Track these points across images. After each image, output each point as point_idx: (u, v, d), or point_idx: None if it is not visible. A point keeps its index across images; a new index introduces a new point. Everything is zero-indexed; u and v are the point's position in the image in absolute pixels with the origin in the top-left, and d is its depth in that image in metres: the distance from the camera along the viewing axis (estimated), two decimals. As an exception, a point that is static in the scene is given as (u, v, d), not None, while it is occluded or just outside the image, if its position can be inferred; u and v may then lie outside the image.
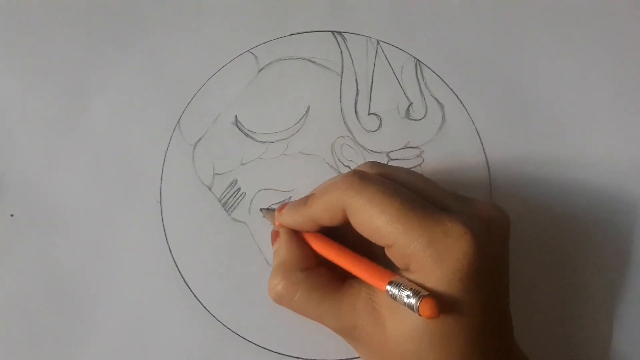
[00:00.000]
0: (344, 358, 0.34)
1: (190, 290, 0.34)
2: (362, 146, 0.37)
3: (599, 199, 0.36)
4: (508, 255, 0.29)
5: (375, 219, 0.27)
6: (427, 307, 0.24)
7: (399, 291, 0.26)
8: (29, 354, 0.34)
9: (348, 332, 0.29)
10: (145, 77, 0.38)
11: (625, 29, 0.39)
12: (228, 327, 0.34)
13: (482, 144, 0.37)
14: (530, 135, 0.37)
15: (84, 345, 0.34)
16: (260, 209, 0.36)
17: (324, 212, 0.29)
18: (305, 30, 0.39)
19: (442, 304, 0.25)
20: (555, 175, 0.37)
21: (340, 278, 0.30)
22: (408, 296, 0.25)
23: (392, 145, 0.37)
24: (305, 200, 0.30)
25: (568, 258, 0.36)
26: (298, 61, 0.38)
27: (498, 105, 0.38)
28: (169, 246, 0.35)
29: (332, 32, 0.39)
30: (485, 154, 0.37)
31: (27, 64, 0.38)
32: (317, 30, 0.39)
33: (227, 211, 0.36)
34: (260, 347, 0.34)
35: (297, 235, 0.32)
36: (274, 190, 0.36)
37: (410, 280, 0.26)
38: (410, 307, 0.25)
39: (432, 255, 0.26)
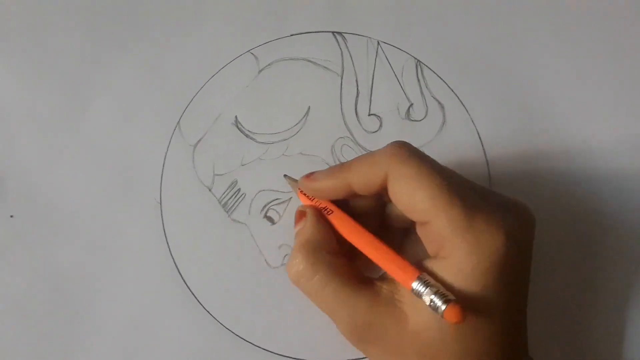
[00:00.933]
0: (346, 359, 0.34)
1: (190, 290, 0.35)
2: (362, 147, 0.37)
3: (600, 198, 0.36)
4: (532, 256, 0.28)
5: (419, 192, 0.26)
6: (453, 313, 0.24)
7: (425, 290, 0.25)
8: (30, 354, 0.34)
9: (360, 331, 0.28)
10: (146, 77, 0.38)
11: (625, 28, 0.39)
12: (228, 328, 0.34)
13: (482, 145, 0.37)
14: (531, 136, 0.37)
15: (84, 345, 0.34)
16: (285, 175, 0.34)
17: (362, 176, 0.27)
18: (305, 31, 0.39)
19: (471, 300, 0.24)
20: (555, 177, 0.37)
21: (360, 274, 0.29)
22: (434, 298, 0.25)
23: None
24: (344, 164, 0.29)
25: (570, 257, 0.36)
26: (298, 62, 0.38)
27: (498, 106, 0.38)
28: (168, 247, 0.35)
29: (333, 32, 0.39)
30: (485, 155, 0.37)
31: (28, 64, 0.38)
32: (317, 30, 0.39)
33: (227, 212, 0.36)
34: (260, 348, 0.34)
35: (323, 218, 0.30)
36: (274, 191, 0.36)
37: (439, 280, 0.26)
38: (434, 309, 0.24)
39: (470, 241, 0.25)
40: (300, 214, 0.31)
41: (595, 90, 0.38)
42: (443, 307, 0.24)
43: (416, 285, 0.25)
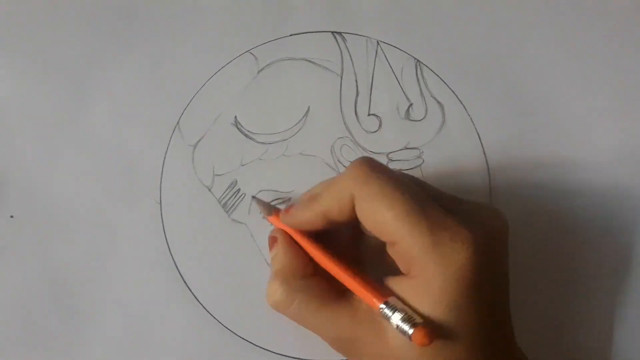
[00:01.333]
0: (344, 359, 0.34)
1: (190, 290, 0.35)
2: (362, 147, 0.37)
3: (599, 201, 0.36)
4: (507, 260, 0.28)
5: (383, 213, 0.26)
6: (419, 337, 0.24)
7: (392, 314, 0.26)
8: (30, 354, 0.34)
9: (346, 345, 0.29)
10: (145, 77, 0.38)
11: (625, 29, 0.39)
12: (228, 327, 0.34)
13: (482, 145, 0.37)
14: (531, 136, 0.37)
15: (84, 345, 0.34)
16: (253, 197, 0.35)
17: (334, 203, 0.28)
18: (305, 31, 0.39)
19: (440, 321, 0.25)
20: (555, 176, 0.37)
21: (339, 288, 0.29)
22: (399, 323, 0.25)
23: (392, 146, 0.37)
24: (313, 196, 0.29)
25: (568, 260, 0.36)
26: (298, 62, 0.38)
27: (498, 106, 0.38)
28: (168, 247, 0.35)
29: (332, 32, 0.39)
30: (485, 155, 0.37)
31: (28, 64, 0.38)
32: (317, 30, 0.39)
33: (227, 212, 0.36)
34: (260, 347, 0.34)
35: (295, 241, 0.31)
36: (274, 191, 0.36)
37: (406, 302, 0.26)
38: (402, 332, 0.25)
39: (435, 260, 0.25)
40: (272, 240, 0.32)
41: (596, 92, 0.38)
42: (410, 332, 0.25)
43: (384, 308, 0.26)
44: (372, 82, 0.38)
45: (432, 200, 0.27)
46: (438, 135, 0.37)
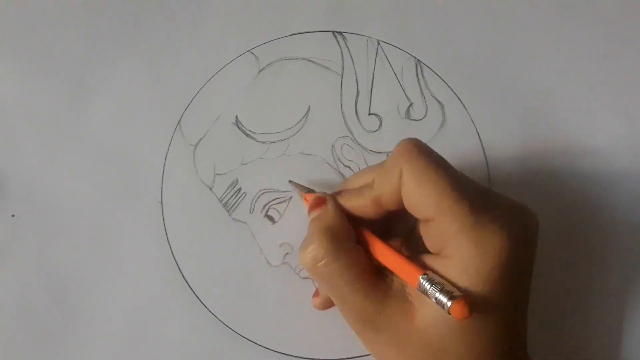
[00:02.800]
0: (347, 357, 0.34)
1: (191, 289, 0.35)
2: (362, 146, 0.37)
3: (599, 198, 0.37)
4: (534, 258, 0.28)
5: (426, 187, 0.26)
6: (459, 309, 0.24)
7: (430, 286, 0.25)
8: (30, 353, 0.34)
9: (369, 318, 0.28)
10: (146, 77, 0.38)
11: (625, 27, 0.39)
12: (229, 326, 0.34)
13: (482, 144, 0.37)
14: (530, 135, 0.37)
15: (85, 345, 0.34)
16: (290, 181, 0.35)
17: (385, 186, 0.28)
18: (305, 31, 0.39)
19: (475, 298, 0.25)
20: (554, 175, 0.37)
21: (373, 264, 0.29)
22: (439, 295, 0.25)
23: (392, 145, 0.36)
24: (366, 185, 0.29)
25: (569, 256, 0.36)
26: (298, 61, 0.38)
27: (498, 105, 0.38)
28: (170, 246, 0.35)
29: (333, 32, 0.39)
30: (485, 154, 0.37)
31: (28, 64, 0.38)
32: (317, 30, 0.39)
33: (228, 211, 0.36)
34: (261, 346, 0.34)
35: (341, 209, 0.30)
36: (275, 190, 0.36)
37: (443, 277, 0.26)
38: (440, 304, 0.25)
39: (474, 239, 0.25)
40: (319, 200, 0.30)
41: (595, 90, 0.38)
42: (449, 303, 0.24)
43: (422, 281, 0.26)
44: (372, 81, 0.38)
45: (474, 183, 0.27)
46: (438, 134, 0.37)
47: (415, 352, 0.27)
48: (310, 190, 0.33)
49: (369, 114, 0.37)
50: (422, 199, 0.26)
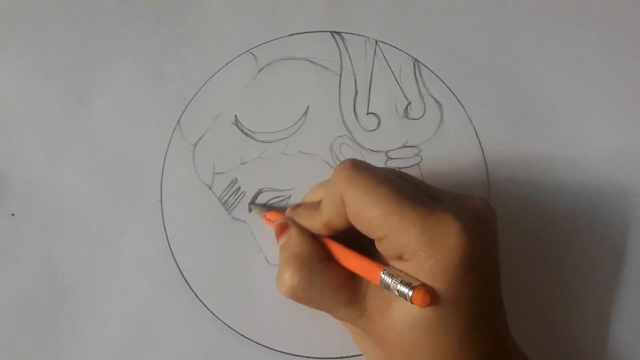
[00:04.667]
0: (346, 356, 0.34)
1: (191, 288, 0.35)
2: (360, 145, 0.37)
3: (596, 198, 0.37)
4: (498, 248, 0.29)
5: (370, 210, 0.26)
6: (420, 296, 0.25)
7: (392, 281, 0.26)
8: (30, 353, 0.34)
9: (353, 322, 0.29)
10: (146, 76, 0.38)
11: (623, 29, 0.40)
12: (229, 325, 0.34)
13: (479, 143, 0.37)
14: (528, 134, 0.38)
15: (85, 344, 0.34)
16: (249, 204, 0.36)
17: (332, 213, 0.28)
18: (304, 31, 0.39)
19: (435, 293, 0.25)
20: (552, 174, 0.37)
21: (350, 272, 0.30)
22: (400, 287, 0.25)
23: (390, 144, 0.37)
24: (316, 207, 0.30)
25: (565, 257, 0.36)
26: (297, 61, 0.38)
27: (496, 104, 0.38)
28: (169, 245, 0.35)
29: (331, 32, 0.39)
30: (483, 153, 0.37)
31: (28, 64, 0.38)
32: (316, 30, 0.39)
33: (227, 210, 0.36)
34: (260, 345, 0.34)
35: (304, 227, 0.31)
36: (274, 189, 0.36)
37: (402, 271, 0.26)
38: (403, 296, 0.25)
39: (425, 243, 0.25)
40: (282, 227, 0.31)
41: (593, 90, 0.39)
42: (410, 293, 0.25)
43: (383, 277, 0.26)
44: (370, 81, 0.38)
45: (417, 191, 0.27)
46: (436, 133, 0.37)
47: (395, 351, 0.27)
48: (270, 208, 0.34)
49: (367, 114, 0.38)
50: (368, 222, 0.27)
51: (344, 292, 0.29)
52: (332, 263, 0.30)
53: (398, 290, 0.26)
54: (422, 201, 0.27)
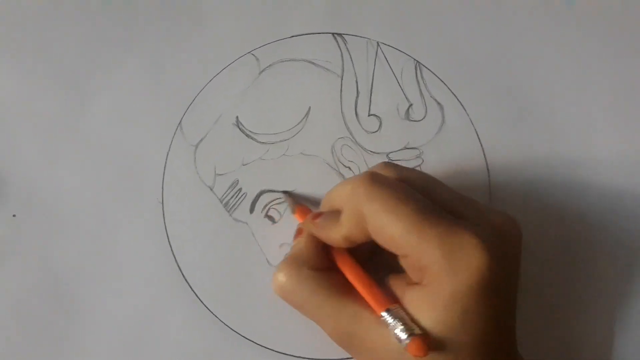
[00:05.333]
0: (346, 357, 0.34)
1: (192, 290, 0.35)
2: (362, 147, 0.37)
3: (598, 200, 0.37)
4: (519, 269, 0.28)
5: (389, 228, 0.26)
6: (415, 347, 0.25)
7: (393, 321, 0.26)
8: (30, 353, 0.34)
9: (346, 339, 0.29)
10: (147, 78, 0.38)
11: (623, 29, 0.40)
12: (230, 326, 0.34)
13: (481, 145, 0.37)
14: (530, 137, 0.37)
15: (85, 345, 0.34)
16: (284, 192, 0.35)
17: (352, 227, 0.28)
18: (306, 32, 0.39)
19: (447, 326, 0.25)
20: (554, 177, 0.37)
21: (348, 287, 0.29)
22: (398, 332, 0.25)
23: (391, 146, 0.37)
24: (338, 217, 0.29)
25: (568, 259, 0.36)
26: (299, 63, 0.38)
27: (497, 107, 0.38)
28: (170, 246, 0.35)
29: (333, 34, 0.39)
30: (484, 155, 0.37)
31: (29, 64, 0.38)
32: (317, 32, 0.39)
33: (228, 211, 0.36)
34: (262, 346, 0.34)
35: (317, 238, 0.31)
36: (275, 191, 0.36)
37: (414, 309, 0.26)
38: (399, 340, 0.25)
39: (446, 269, 0.25)
40: (299, 231, 0.32)
41: (595, 92, 0.38)
42: (406, 342, 0.25)
43: (386, 315, 0.26)
44: (372, 82, 0.38)
45: (438, 208, 0.27)
46: (438, 135, 0.37)
47: None
48: (301, 207, 0.34)
49: (369, 115, 0.38)
50: (389, 239, 0.26)
51: (333, 304, 0.29)
52: (329, 274, 0.30)
53: (396, 334, 0.25)
54: (444, 220, 0.26)
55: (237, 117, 0.37)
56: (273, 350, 0.34)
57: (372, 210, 0.26)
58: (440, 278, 0.25)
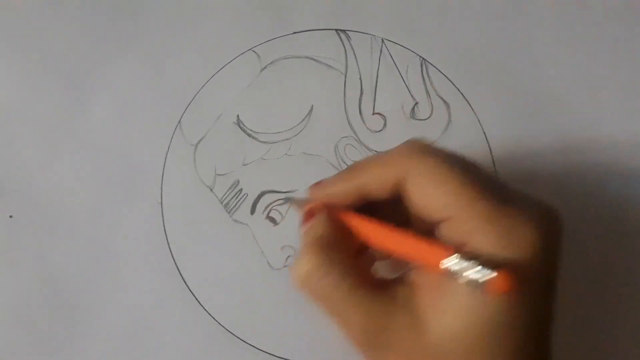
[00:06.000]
0: (348, 362, 0.33)
1: (191, 292, 0.34)
2: (366, 146, 0.37)
3: (606, 198, 0.36)
4: (560, 260, 0.26)
5: (440, 186, 0.24)
6: (502, 280, 0.22)
7: (467, 263, 0.23)
8: (28, 354, 0.34)
9: (373, 336, 0.26)
10: (146, 76, 0.38)
11: (633, 26, 0.39)
12: (229, 329, 0.34)
13: (488, 144, 0.37)
14: (537, 136, 0.37)
15: (83, 347, 0.34)
16: (286, 198, 0.35)
17: (376, 177, 0.26)
18: (308, 29, 0.39)
19: (517, 279, 0.23)
20: (562, 177, 0.37)
21: (374, 276, 0.28)
22: (476, 272, 0.23)
23: (397, 145, 0.37)
24: (353, 168, 0.28)
25: (577, 257, 0.35)
26: (301, 60, 0.38)
27: (505, 105, 0.38)
28: (169, 248, 0.35)
29: (336, 30, 0.39)
30: (491, 153, 0.37)
31: (27, 64, 0.38)
32: (320, 28, 0.39)
33: (228, 212, 0.36)
34: (261, 350, 0.34)
35: (335, 216, 0.28)
36: (277, 191, 0.36)
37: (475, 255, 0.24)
38: (475, 284, 0.23)
39: (500, 233, 0.23)
40: (309, 213, 0.29)
41: (603, 88, 0.38)
42: (491, 276, 0.22)
43: (453, 261, 0.23)
44: (376, 80, 0.38)
45: (494, 180, 0.26)
46: (444, 134, 0.37)
47: None
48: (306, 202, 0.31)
49: (373, 114, 0.37)
50: (435, 199, 0.25)
51: (366, 293, 0.26)
52: (358, 261, 0.27)
53: (472, 276, 0.23)
54: (499, 189, 0.25)
55: (237, 115, 0.37)
56: (273, 355, 0.34)
57: (424, 167, 0.25)
58: (489, 243, 0.24)
